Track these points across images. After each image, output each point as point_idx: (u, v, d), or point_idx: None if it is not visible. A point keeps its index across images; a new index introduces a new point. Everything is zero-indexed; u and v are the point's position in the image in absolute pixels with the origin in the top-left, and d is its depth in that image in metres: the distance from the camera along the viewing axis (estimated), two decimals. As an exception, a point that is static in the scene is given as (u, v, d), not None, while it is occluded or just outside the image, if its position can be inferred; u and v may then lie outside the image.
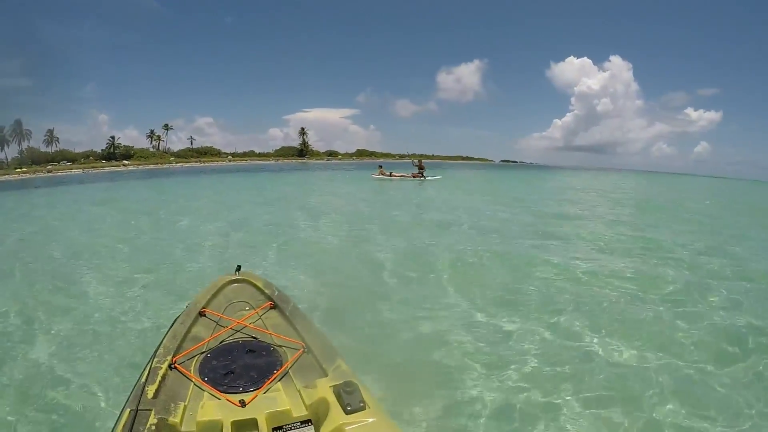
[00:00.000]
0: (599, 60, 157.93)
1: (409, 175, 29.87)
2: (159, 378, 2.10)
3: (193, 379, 2.19)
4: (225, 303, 2.95)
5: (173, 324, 2.64)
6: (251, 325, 2.69)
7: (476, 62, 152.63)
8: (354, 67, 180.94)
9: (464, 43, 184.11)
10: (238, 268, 3.29)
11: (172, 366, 2.23)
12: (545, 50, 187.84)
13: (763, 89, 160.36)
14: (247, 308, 2.91)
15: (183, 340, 2.48)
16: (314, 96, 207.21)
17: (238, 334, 2.62)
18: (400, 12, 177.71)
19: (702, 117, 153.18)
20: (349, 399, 1.91)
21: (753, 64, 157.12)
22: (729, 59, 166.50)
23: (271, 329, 2.68)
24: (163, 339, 2.46)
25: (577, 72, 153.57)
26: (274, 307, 2.92)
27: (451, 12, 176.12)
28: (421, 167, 30.17)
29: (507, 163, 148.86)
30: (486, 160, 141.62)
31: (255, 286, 3.12)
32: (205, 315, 2.77)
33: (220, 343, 2.52)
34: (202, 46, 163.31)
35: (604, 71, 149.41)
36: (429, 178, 29.59)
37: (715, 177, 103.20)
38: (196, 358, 2.37)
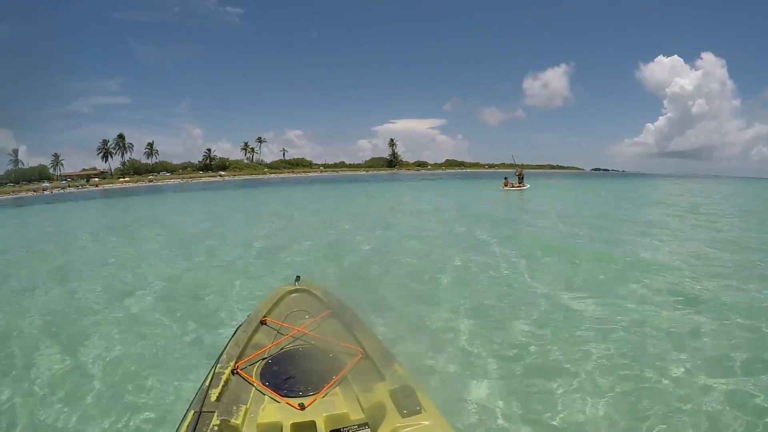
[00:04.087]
0: (690, 58, 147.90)
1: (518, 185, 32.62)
2: (222, 382, 2.22)
3: (255, 384, 2.31)
4: (285, 312, 3.05)
5: (236, 332, 2.75)
6: (311, 333, 2.78)
7: (563, 66, 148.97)
8: (440, 77, 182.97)
9: (549, 47, 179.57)
10: (298, 278, 3.41)
11: (235, 371, 2.36)
12: (633, 50, 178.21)
13: None
14: (307, 316, 3.00)
15: (245, 347, 2.59)
16: (401, 107, 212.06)
17: (298, 342, 2.72)
18: (484, 17, 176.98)
19: None
20: (406, 402, 1.98)
21: None
22: None
23: (330, 336, 2.75)
24: (226, 346, 2.59)
25: (667, 72, 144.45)
26: (333, 314, 2.99)
27: (534, 15, 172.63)
28: (521, 176, 33.05)
29: (598, 171, 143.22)
30: (576, 168, 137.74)
31: (314, 295, 3.21)
32: (266, 323, 2.86)
33: (281, 349, 2.62)
34: (288, 61, 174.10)
35: (696, 70, 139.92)
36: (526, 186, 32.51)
37: None
38: (258, 364, 2.48)
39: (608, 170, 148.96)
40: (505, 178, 33.64)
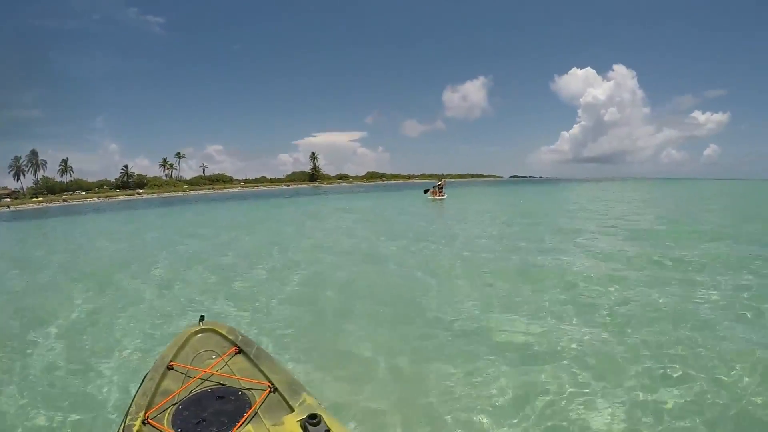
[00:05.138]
0: (603, 70, 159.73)
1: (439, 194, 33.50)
2: None
3: None
4: (192, 354, 2.99)
5: (143, 381, 2.68)
6: (218, 372, 2.75)
7: (481, 79, 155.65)
8: (360, 91, 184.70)
9: (468, 61, 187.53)
10: (202, 318, 3.36)
11: (145, 421, 2.29)
12: (548, 63, 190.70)
13: None
14: (214, 356, 2.96)
15: (154, 395, 2.52)
16: (322, 120, 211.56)
17: (207, 383, 2.67)
18: (403, 33, 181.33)
19: (710, 120, 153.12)
20: (315, 431, 2.04)
21: (759, 63, 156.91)
22: (734, 59, 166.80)
23: (237, 374, 2.75)
24: (135, 396, 2.51)
25: (581, 83, 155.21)
26: (239, 352, 2.99)
27: (453, 31, 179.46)
28: (441, 187, 33.99)
29: (516, 179, 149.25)
30: (496, 176, 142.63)
31: (219, 333, 3.19)
32: (173, 368, 2.80)
33: (190, 393, 2.57)
34: (209, 73, 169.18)
35: (608, 81, 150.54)
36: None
37: (726, 180, 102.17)
38: (168, 411, 2.42)
39: (526, 177, 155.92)
40: (433, 188, 34.33)
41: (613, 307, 5.97)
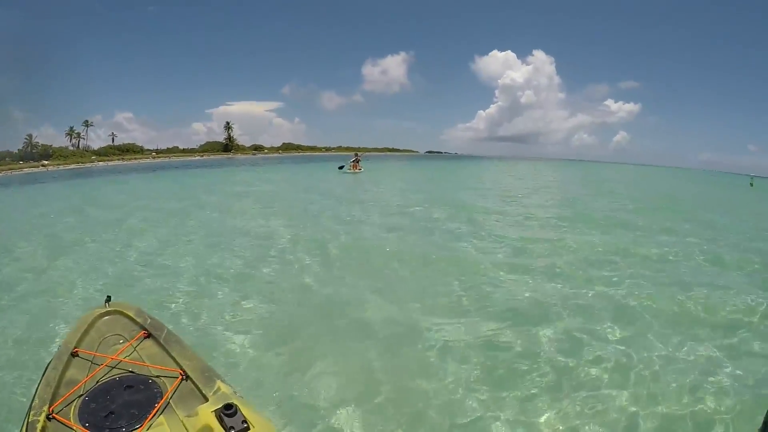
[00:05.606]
0: (523, 54, 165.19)
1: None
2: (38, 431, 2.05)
3: (74, 427, 2.13)
4: (98, 339, 2.81)
5: (46, 370, 2.50)
6: (127, 359, 2.60)
7: (402, 54, 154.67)
8: (278, 59, 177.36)
9: (390, 36, 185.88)
10: (108, 298, 3.14)
11: (50, 416, 2.16)
12: (470, 44, 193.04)
13: (679, 83, 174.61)
14: (121, 341, 2.79)
15: (58, 386, 2.37)
16: (238, 89, 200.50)
17: (115, 371, 2.52)
18: (325, 2, 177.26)
19: (621, 108, 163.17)
20: (232, 422, 1.94)
21: (670, 59, 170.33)
22: (648, 53, 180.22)
23: (147, 360, 2.61)
24: (38, 388, 2.36)
25: (501, 65, 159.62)
26: (148, 336, 2.83)
27: (376, 4, 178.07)
28: (357, 160, 34.88)
29: (432, 154, 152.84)
30: (412, 151, 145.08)
31: (127, 316, 3.02)
32: (78, 355, 2.62)
33: (97, 383, 2.42)
34: (121, 34, 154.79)
35: (527, 65, 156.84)
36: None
37: (633, 164, 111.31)
38: (74, 403, 2.28)
39: (441, 153, 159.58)
40: (352, 162, 34.76)
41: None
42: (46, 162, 79.98)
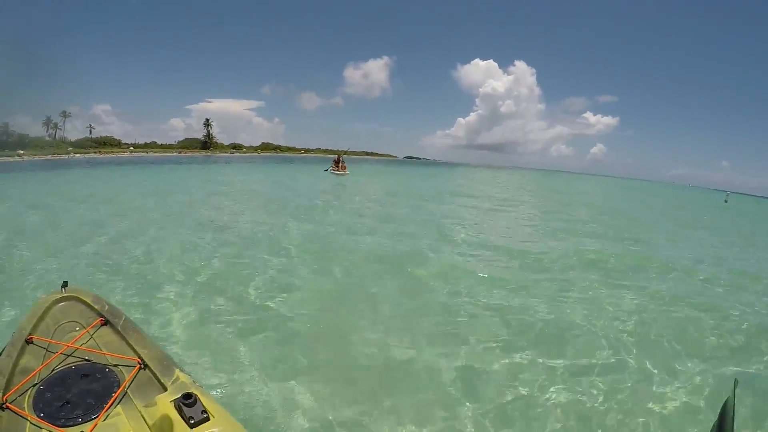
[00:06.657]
0: (505, 64, 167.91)
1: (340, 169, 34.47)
2: None
3: (28, 417, 2.07)
4: (53, 325, 2.74)
5: None
6: (83, 347, 2.55)
7: (384, 59, 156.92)
8: (259, 59, 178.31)
9: (373, 40, 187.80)
10: (65, 284, 3.06)
11: (4, 406, 2.09)
12: (453, 51, 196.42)
13: (656, 99, 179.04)
14: (78, 328, 2.73)
15: (12, 375, 2.30)
16: (218, 86, 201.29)
17: (71, 359, 2.47)
18: (308, 5, 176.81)
19: (600, 121, 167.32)
20: (191, 412, 1.90)
21: (649, 75, 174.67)
22: (627, 68, 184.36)
23: (104, 348, 2.56)
24: None
25: (482, 74, 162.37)
26: (105, 323, 2.78)
27: (360, 9, 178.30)
28: (337, 162, 35.17)
29: (411, 159, 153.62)
30: (390, 156, 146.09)
31: (83, 302, 2.94)
32: (32, 342, 2.56)
33: (52, 371, 2.37)
34: (102, 24, 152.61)
35: (509, 75, 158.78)
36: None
37: (608, 177, 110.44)
38: (29, 392, 2.22)
39: (420, 158, 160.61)
40: (335, 163, 35.00)
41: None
42: (22, 151, 77.93)
